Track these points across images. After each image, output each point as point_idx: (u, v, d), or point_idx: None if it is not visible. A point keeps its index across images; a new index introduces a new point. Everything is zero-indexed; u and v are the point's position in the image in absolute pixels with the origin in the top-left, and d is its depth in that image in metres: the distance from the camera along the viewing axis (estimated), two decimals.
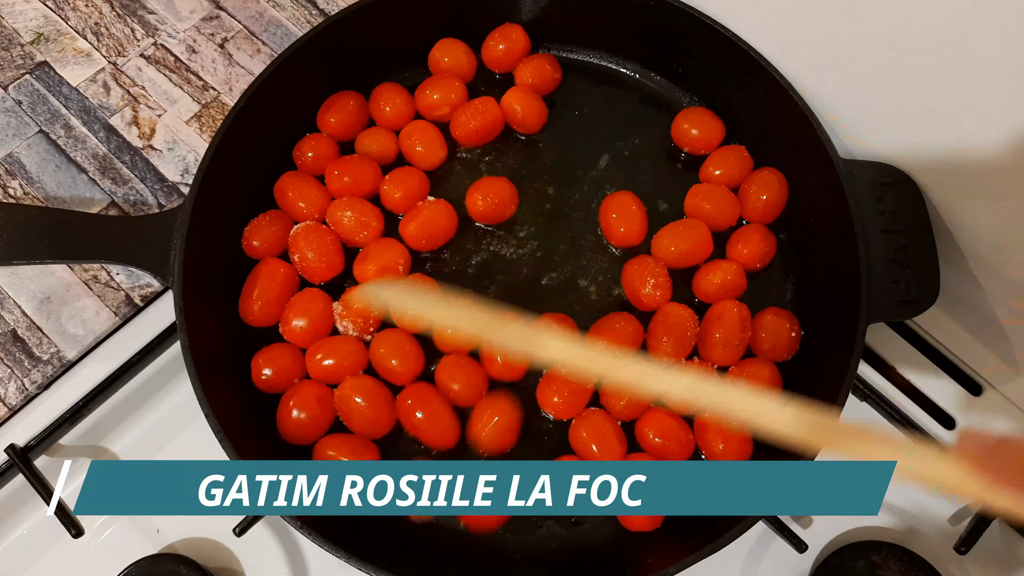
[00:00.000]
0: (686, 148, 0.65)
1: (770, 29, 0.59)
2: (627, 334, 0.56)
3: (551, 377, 0.56)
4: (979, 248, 0.56)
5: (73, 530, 0.53)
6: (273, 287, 0.58)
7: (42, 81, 0.71)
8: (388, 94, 0.64)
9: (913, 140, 0.55)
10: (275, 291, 0.58)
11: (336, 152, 0.63)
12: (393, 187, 0.61)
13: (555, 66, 0.66)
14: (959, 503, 0.58)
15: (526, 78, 0.65)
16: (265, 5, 0.74)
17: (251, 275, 0.58)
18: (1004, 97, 0.47)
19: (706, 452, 0.55)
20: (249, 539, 0.54)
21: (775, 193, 0.60)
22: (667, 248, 0.59)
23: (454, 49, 0.66)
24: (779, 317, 0.57)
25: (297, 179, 0.61)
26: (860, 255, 0.54)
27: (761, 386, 0.55)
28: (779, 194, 0.61)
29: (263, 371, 0.56)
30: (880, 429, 0.49)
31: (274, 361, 0.56)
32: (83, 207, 0.66)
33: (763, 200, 0.60)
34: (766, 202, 0.60)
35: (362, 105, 0.64)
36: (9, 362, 0.61)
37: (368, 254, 0.59)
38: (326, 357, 0.56)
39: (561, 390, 0.55)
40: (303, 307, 0.57)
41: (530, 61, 0.66)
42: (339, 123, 0.63)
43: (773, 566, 0.57)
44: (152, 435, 0.61)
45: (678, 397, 0.36)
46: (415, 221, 0.60)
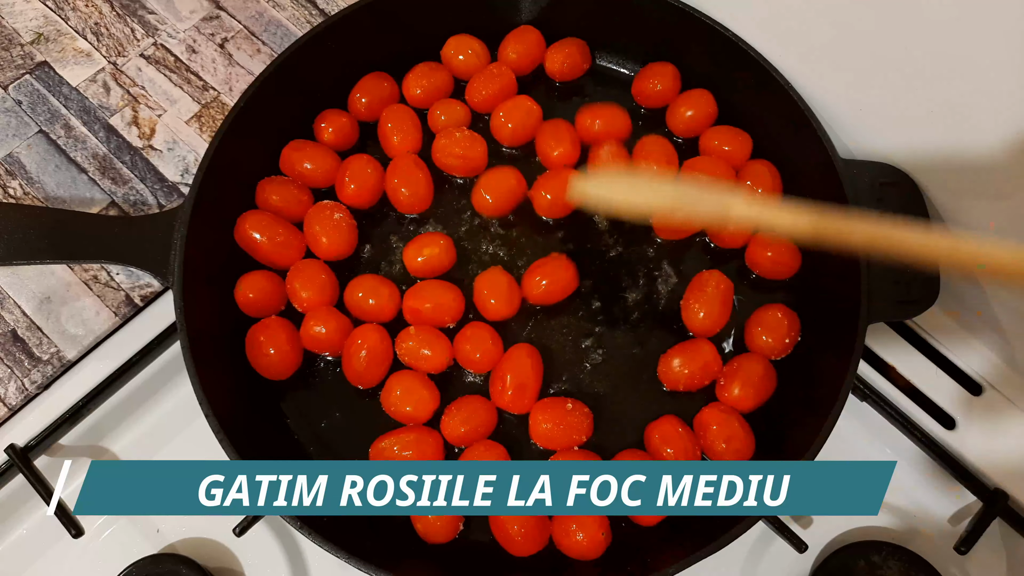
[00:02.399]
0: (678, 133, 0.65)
1: (770, 29, 0.59)
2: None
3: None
4: None
5: (73, 530, 0.53)
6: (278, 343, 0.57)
7: (42, 81, 0.71)
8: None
9: (913, 140, 0.55)
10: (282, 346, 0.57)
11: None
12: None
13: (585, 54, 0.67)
14: (959, 503, 0.59)
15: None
16: (265, 5, 0.74)
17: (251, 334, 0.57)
18: (1004, 97, 0.47)
19: (708, 452, 0.55)
20: (249, 539, 0.54)
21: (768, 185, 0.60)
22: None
23: (469, 44, 0.66)
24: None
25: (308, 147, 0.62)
26: (860, 255, 0.54)
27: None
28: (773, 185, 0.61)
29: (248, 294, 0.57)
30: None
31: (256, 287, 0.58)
32: (83, 207, 0.66)
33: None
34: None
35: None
36: (9, 362, 0.61)
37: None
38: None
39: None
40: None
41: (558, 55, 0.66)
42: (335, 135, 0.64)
43: (773, 566, 0.57)
44: (152, 435, 0.61)
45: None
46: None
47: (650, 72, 0.65)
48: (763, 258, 0.59)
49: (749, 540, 0.57)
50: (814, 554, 0.57)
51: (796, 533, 0.53)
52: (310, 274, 0.58)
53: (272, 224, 0.59)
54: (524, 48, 0.66)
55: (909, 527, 0.58)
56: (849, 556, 0.55)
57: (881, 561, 0.54)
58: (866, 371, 0.61)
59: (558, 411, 0.55)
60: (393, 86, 0.65)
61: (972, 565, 0.57)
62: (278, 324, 0.57)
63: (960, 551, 0.54)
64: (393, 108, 0.64)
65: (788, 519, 0.56)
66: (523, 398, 0.55)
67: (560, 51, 0.65)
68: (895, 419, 0.58)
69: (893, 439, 0.59)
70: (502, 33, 0.66)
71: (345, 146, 0.64)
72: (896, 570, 0.54)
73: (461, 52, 0.65)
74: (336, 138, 0.63)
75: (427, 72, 0.65)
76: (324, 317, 0.56)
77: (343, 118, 0.63)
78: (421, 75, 0.64)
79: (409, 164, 0.61)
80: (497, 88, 0.64)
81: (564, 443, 0.55)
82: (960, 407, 0.60)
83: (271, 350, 0.56)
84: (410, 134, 0.63)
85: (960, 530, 0.55)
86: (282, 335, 0.56)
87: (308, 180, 0.62)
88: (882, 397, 0.59)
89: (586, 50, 0.66)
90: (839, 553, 0.55)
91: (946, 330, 0.63)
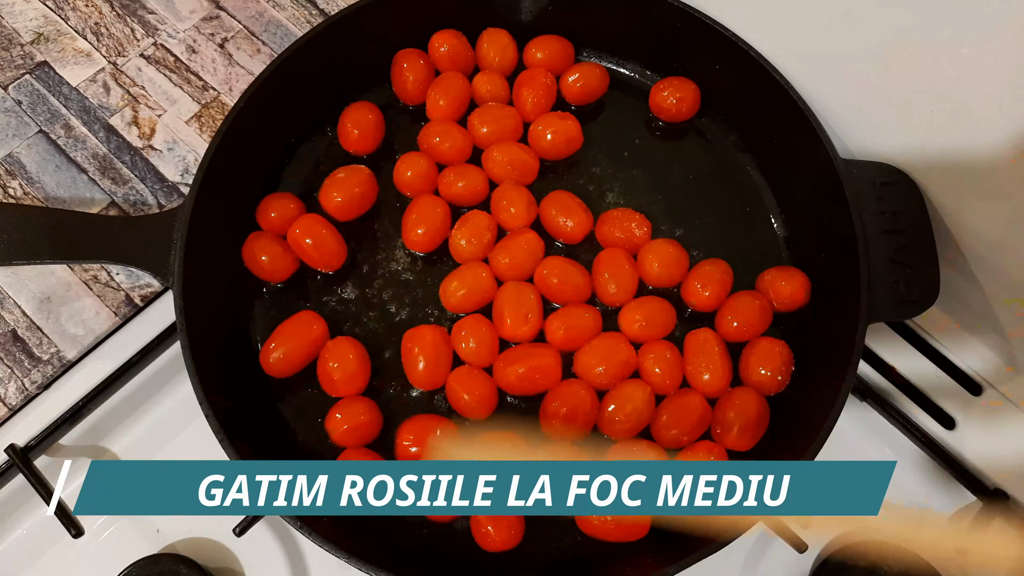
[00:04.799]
0: (663, 118, 0.66)
1: (770, 30, 0.59)
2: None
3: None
4: (979, 248, 0.56)
5: (73, 530, 0.53)
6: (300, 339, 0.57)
7: (42, 81, 0.71)
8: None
9: (913, 140, 0.55)
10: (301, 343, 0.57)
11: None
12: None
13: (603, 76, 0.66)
14: (959, 503, 0.59)
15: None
16: (265, 5, 0.74)
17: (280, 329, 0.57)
18: (1004, 97, 0.47)
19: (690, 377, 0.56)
20: (249, 539, 0.54)
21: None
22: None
23: (452, 40, 0.65)
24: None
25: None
26: (860, 255, 0.54)
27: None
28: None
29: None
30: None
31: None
32: (83, 207, 0.66)
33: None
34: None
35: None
36: (9, 362, 0.61)
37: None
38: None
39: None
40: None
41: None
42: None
43: (773, 566, 0.57)
44: (152, 435, 0.61)
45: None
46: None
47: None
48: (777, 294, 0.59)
49: (749, 540, 0.58)
50: (814, 554, 0.57)
51: (796, 533, 0.53)
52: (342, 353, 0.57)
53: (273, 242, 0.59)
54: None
55: (909, 527, 0.58)
56: (849, 556, 0.55)
57: (881, 561, 0.54)
58: (866, 371, 0.61)
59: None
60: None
61: (972, 565, 0.57)
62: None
63: (959, 551, 0.54)
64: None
65: (788, 519, 0.56)
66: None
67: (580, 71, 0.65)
68: (895, 419, 0.58)
69: (893, 439, 0.59)
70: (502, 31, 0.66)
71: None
72: (896, 570, 0.54)
73: (443, 44, 0.65)
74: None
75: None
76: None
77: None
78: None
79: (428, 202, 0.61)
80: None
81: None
82: (960, 407, 0.60)
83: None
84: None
85: (960, 530, 0.55)
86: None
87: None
88: (882, 397, 0.59)
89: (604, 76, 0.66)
90: (839, 553, 0.55)
91: (946, 330, 0.63)
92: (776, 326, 0.58)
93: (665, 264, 0.59)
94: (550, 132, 0.62)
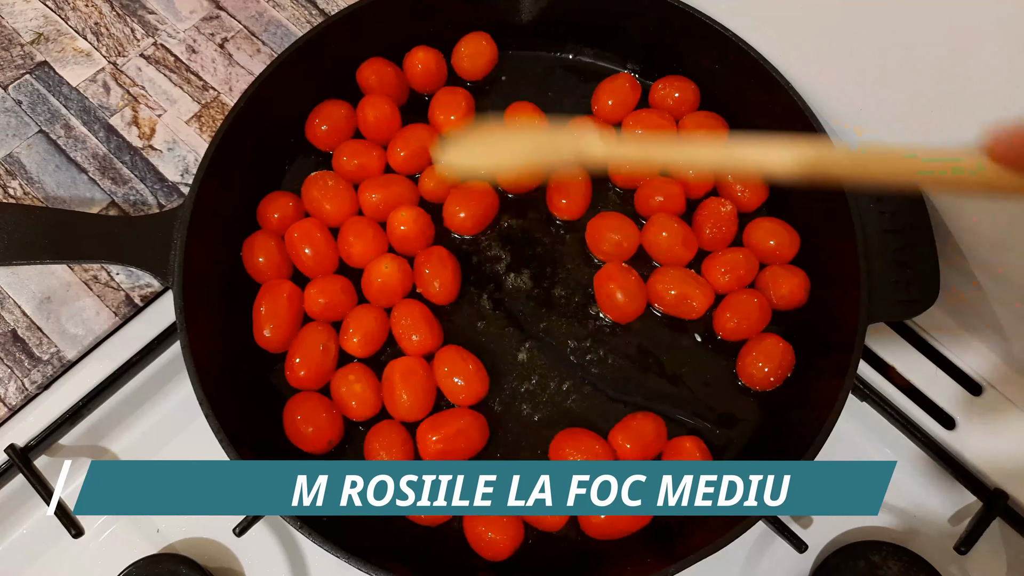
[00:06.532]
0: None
1: (769, 29, 0.59)
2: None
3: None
4: (979, 248, 0.56)
5: (73, 530, 0.53)
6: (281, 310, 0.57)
7: (42, 81, 0.71)
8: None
9: (913, 139, 0.55)
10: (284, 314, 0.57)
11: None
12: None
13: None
14: (959, 503, 0.59)
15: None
16: (265, 5, 0.74)
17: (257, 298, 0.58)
18: (1004, 95, 0.47)
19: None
20: (249, 539, 0.54)
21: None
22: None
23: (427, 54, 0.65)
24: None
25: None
26: (860, 255, 0.54)
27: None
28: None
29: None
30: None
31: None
32: (83, 207, 0.66)
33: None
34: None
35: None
36: (9, 362, 0.61)
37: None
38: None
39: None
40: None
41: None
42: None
43: (773, 566, 0.57)
44: (152, 435, 0.61)
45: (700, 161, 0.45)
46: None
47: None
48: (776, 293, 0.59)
49: (749, 540, 0.58)
50: (814, 554, 0.57)
51: (796, 533, 0.53)
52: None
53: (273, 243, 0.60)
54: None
55: (909, 527, 0.58)
56: (849, 556, 0.55)
57: (881, 561, 0.54)
58: (866, 371, 0.61)
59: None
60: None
61: (972, 565, 0.57)
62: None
63: (960, 551, 0.54)
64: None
65: (788, 519, 0.56)
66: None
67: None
68: (895, 419, 0.58)
69: (893, 439, 0.59)
70: (502, 32, 0.66)
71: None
72: (896, 570, 0.54)
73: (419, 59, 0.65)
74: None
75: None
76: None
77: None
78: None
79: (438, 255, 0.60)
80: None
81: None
82: (960, 407, 0.60)
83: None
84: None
85: (960, 530, 0.55)
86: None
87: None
88: (882, 397, 0.59)
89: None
90: (839, 553, 0.55)
91: (946, 330, 0.63)
92: (775, 325, 0.58)
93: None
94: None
